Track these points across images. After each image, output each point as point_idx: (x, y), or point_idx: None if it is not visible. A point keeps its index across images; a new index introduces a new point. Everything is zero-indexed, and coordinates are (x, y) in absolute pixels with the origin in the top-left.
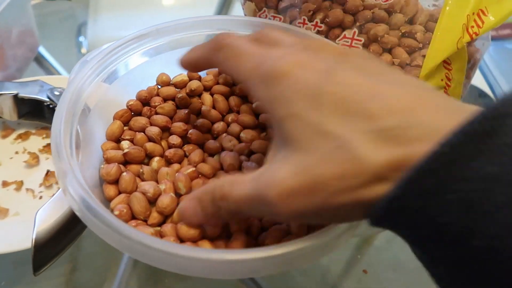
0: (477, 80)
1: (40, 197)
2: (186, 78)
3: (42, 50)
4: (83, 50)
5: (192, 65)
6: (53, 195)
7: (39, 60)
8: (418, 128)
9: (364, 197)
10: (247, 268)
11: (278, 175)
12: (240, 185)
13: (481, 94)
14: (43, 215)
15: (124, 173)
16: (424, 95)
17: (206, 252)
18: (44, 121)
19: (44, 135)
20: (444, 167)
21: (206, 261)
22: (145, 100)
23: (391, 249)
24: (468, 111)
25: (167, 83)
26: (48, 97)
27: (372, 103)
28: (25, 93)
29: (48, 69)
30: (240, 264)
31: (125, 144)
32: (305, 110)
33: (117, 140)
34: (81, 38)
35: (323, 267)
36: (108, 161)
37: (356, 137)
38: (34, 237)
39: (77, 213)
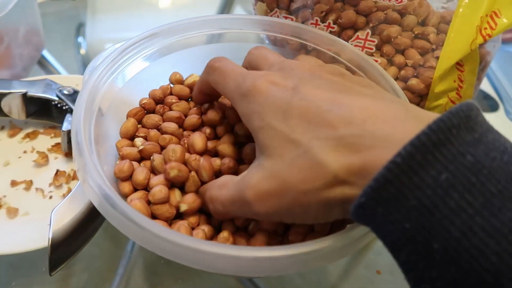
0: (482, 82)
1: (50, 197)
2: (198, 78)
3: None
4: (82, 51)
5: (201, 95)
6: (63, 195)
7: (40, 60)
8: (371, 138)
9: (329, 197)
10: (273, 266)
11: (253, 179)
12: (225, 188)
13: (486, 96)
14: (59, 214)
15: (138, 168)
16: (384, 107)
17: (233, 249)
18: (52, 120)
19: (52, 134)
20: (399, 177)
21: (233, 258)
22: (158, 99)
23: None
24: (426, 121)
25: (180, 82)
26: (58, 96)
27: (331, 113)
28: (33, 92)
29: (49, 69)
30: (266, 261)
31: (138, 141)
32: (275, 121)
33: (131, 137)
34: (80, 39)
35: (320, 269)
36: (124, 158)
37: (317, 144)
38: (50, 236)
39: (98, 207)
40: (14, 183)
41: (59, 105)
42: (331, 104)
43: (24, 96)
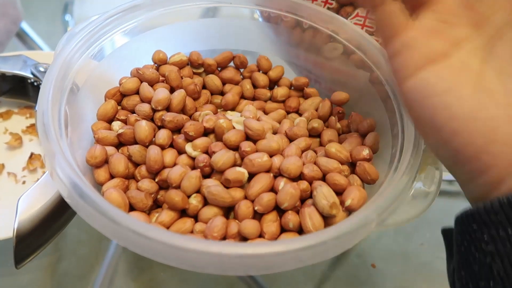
0: None
1: (23, 182)
2: (184, 57)
3: (26, 28)
4: (69, 29)
5: None
6: (38, 179)
7: (23, 38)
8: None
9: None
10: (260, 264)
11: None
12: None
13: None
14: (26, 202)
15: (115, 155)
16: None
17: (216, 245)
18: (28, 99)
19: (28, 115)
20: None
21: (216, 256)
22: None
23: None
24: None
25: (164, 62)
26: (32, 74)
27: None
28: (6, 68)
29: (33, 48)
30: (251, 259)
31: (116, 125)
32: None
33: (110, 120)
34: (68, 17)
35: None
36: (99, 142)
37: None
38: (15, 226)
39: (66, 198)
40: None
41: (35, 83)
42: None
43: None
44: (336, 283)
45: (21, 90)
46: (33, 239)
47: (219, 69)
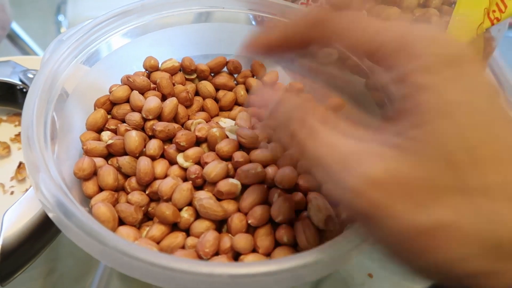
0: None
1: (12, 193)
2: (177, 63)
3: (17, 29)
4: (63, 30)
5: (274, 46)
6: (27, 190)
7: (14, 40)
8: None
9: (472, 272)
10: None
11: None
12: (318, 141)
13: None
14: (12, 216)
15: (104, 167)
16: None
17: (206, 266)
18: (17, 106)
19: (17, 123)
20: None
21: (207, 276)
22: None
23: None
24: None
25: (156, 68)
26: (21, 80)
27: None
28: None
29: (25, 50)
30: (243, 279)
31: (106, 135)
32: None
33: (99, 130)
34: (61, 17)
35: None
36: (88, 153)
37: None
38: (0, 243)
39: (50, 215)
40: None
41: (24, 90)
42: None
43: None
44: (333, 284)
45: (10, 97)
46: (19, 255)
47: (212, 74)
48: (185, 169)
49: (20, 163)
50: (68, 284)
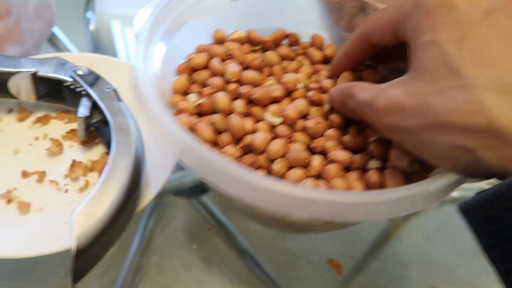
0: None
1: (66, 191)
2: (243, 35)
3: None
4: (91, 27)
5: (348, 61)
6: (81, 189)
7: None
8: None
9: (469, 145)
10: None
11: (392, 91)
12: (365, 91)
13: None
14: (82, 216)
15: (200, 123)
16: None
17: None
18: (64, 103)
19: (67, 120)
20: None
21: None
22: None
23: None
24: None
25: (223, 40)
26: (71, 77)
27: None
28: (44, 71)
29: (58, 47)
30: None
31: (192, 96)
32: (447, 41)
33: (185, 93)
34: (89, 14)
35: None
36: (180, 112)
37: (483, 83)
38: (74, 243)
39: (185, 159)
40: (25, 174)
41: (71, 87)
42: None
43: (34, 76)
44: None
45: (58, 94)
46: (90, 254)
47: (273, 46)
48: (272, 126)
49: (73, 161)
50: (92, 279)
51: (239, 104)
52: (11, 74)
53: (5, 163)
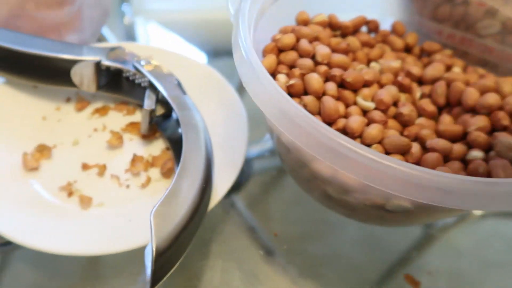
0: None
1: (127, 186)
2: (326, 18)
3: None
4: (126, 19)
5: None
6: (142, 185)
7: None
8: None
9: None
10: None
11: None
12: None
13: None
14: (159, 216)
15: None
16: None
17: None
18: (122, 94)
19: (125, 111)
20: None
21: None
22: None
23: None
24: None
25: (307, 22)
26: (135, 68)
27: None
28: (107, 61)
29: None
30: None
31: (282, 77)
32: None
33: (273, 74)
34: (124, 7)
35: (361, 268)
36: None
37: None
38: (154, 245)
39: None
40: (85, 167)
41: (131, 78)
42: None
43: (98, 65)
44: None
45: (116, 84)
46: (170, 256)
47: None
48: (363, 110)
49: (134, 156)
50: (112, 274)
51: (332, 87)
52: (74, 62)
53: (64, 154)
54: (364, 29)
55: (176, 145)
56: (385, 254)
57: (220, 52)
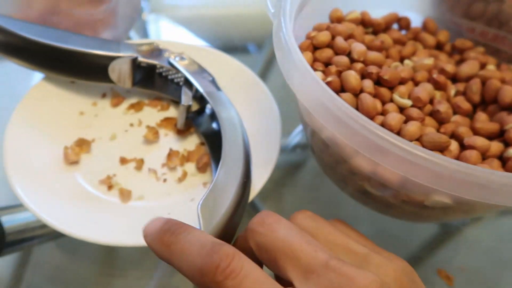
0: None
1: (164, 180)
2: (359, 16)
3: None
4: (144, 15)
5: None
6: (179, 179)
7: None
8: None
9: None
10: None
11: None
12: None
13: None
14: (206, 209)
15: None
16: None
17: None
18: (155, 90)
19: (159, 107)
20: None
21: None
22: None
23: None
24: None
25: (341, 20)
26: (170, 64)
27: None
28: (144, 57)
29: None
30: None
31: (318, 74)
32: None
33: None
34: (143, 3)
35: None
36: None
37: None
38: None
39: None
40: (123, 161)
41: (164, 74)
42: None
43: (134, 61)
44: None
45: (150, 80)
46: None
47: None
48: (400, 107)
49: (170, 150)
50: (128, 267)
51: (369, 84)
52: (112, 58)
53: (102, 148)
54: (394, 26)
55: (210, 140)
56: (397, 250)
57: (231, 47)
